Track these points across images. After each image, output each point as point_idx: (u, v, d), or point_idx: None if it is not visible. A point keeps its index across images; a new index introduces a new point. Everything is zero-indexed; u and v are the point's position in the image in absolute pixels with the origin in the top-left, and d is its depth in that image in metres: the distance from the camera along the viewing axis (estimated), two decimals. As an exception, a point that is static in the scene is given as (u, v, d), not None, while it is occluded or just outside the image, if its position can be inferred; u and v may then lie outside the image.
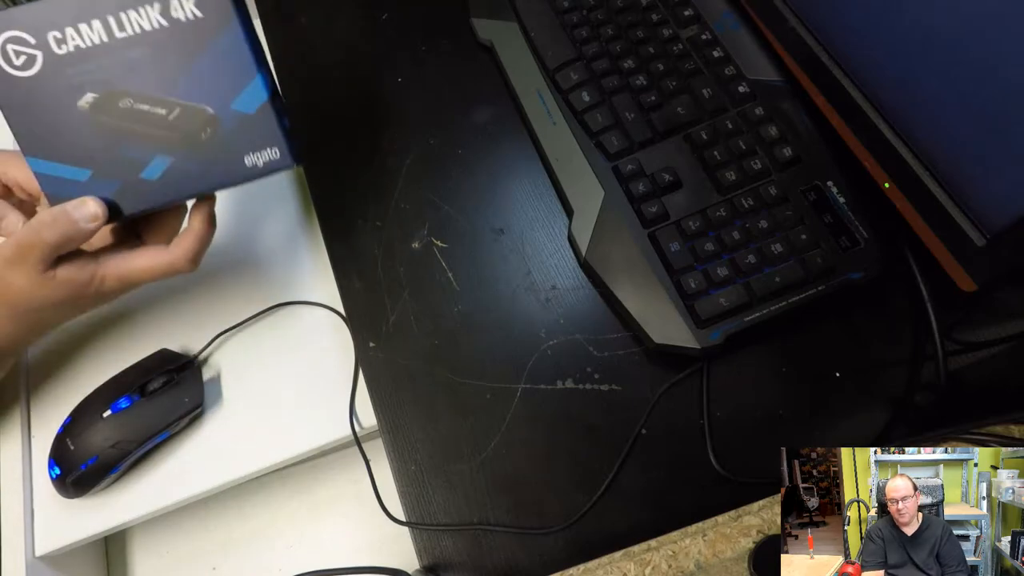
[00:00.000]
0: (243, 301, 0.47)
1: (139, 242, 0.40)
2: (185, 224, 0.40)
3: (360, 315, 0.44)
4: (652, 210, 0.41)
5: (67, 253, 0.37)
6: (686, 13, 0.47)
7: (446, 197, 0.46)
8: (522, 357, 0.41)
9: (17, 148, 0.36)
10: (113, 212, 0.36)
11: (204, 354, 0.45)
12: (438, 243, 0.45)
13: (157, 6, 0.34)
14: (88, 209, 0.35)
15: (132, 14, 0.34)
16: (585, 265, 0.42)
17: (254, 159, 0.37)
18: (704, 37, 0.46)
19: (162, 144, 0.36)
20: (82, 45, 0.34)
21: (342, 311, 0.45)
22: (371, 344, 0.43)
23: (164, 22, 0.34)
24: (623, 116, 0.44)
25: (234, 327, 0.46)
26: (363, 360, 0.43)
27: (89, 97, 0.35)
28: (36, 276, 0.35)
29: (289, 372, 0.45)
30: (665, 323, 0.39)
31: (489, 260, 0.44)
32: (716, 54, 0.45)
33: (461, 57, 0.51)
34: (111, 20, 0.34)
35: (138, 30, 0.34)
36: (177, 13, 0.34)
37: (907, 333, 0.41)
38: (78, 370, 0.45)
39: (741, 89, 0.44)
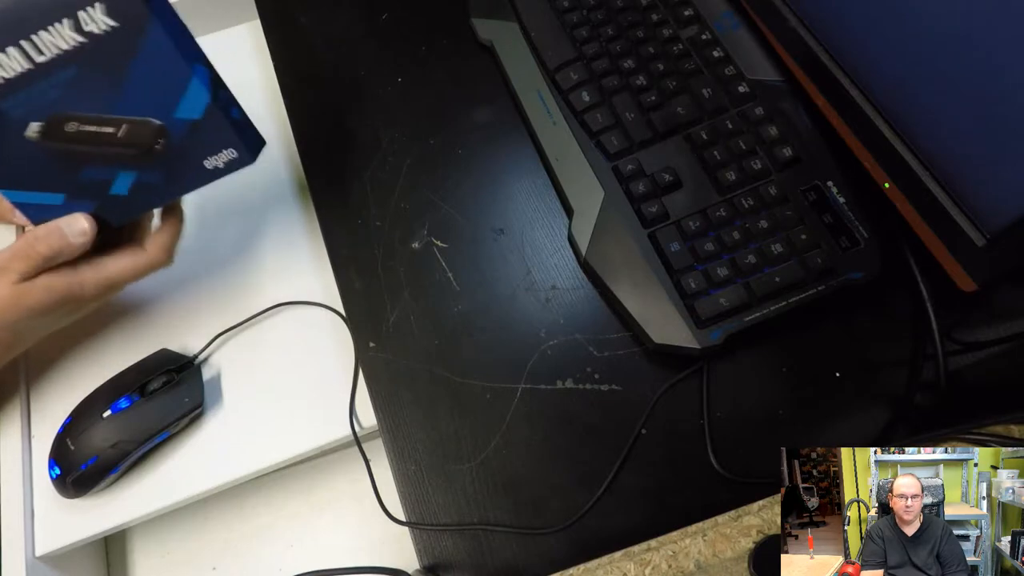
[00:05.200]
0: (243, 301, 0.47)
1: (111, 248, 0.41)
2: (156, 221, 0.41)
3: (360, 315, 0.44)
4: (652, 210, 0.41)
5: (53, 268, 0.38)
6: (686, 13, 0.47)
7: (446, 197, 0.46)
8: (522, 357, 0.41)
9: None
10: (102, 226, 0.37)
11: (204, 354, 0.45)
12: (438, 243, 0.45)
13: (67, 22, 0.31)
14: (79, 224, 0.37)
15: (44, 36, 0.32)
16: (585, 265, 0.42)
17: (214, 162, 0.37)
18: (704, 37, 0.46)
19: (120, 161, 0.36)
20: (6, 75, 0.32)
21: (342, 311, 0.45)
22: (371, 344, 0.43)
23: (81, 38, 0.32)
24: (623, 116, 0.44)
25: (234, 327, 0.46)
26: (363, 360, 0.43)
27: (35, 126, 0.34)
28: (18, 286, 0.36)
29: (289, 372, 0.45)
30: (665, 323, 0.39)
31: (489, 260, 0.44)
32: (716, 54, 0.45)
33: (461, 57, 0.51)
34: (25, 45, 0.32)
35: (57, 51, 0.32)
36: (90, 27, 0.32)
37: (907, 333, 0.41)
38: (78, 370, 0.45)
39: (741, 89, 0.44)
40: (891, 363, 0.40)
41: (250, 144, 0.37)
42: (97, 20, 0.32)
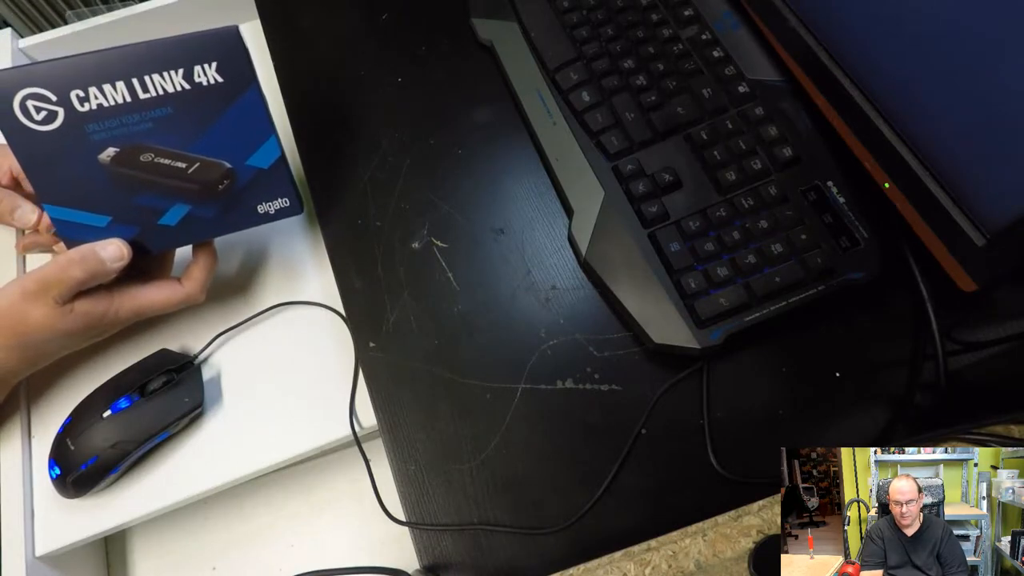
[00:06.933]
0: (243, 301, 0.47)
1: (143, 275, 0.42)
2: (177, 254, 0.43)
3: (360, 315, 0.44)
4: (652, 210, 0.41)
5: (86, 291, 0.38)
6: (686, 13, 0.47)
7: (446, 197, 0.46)
8: (522, 357, 0.41)
9: None
10: (136, 252, 0.39)
11: (204, 354, 0.45)
12: (438, 243, 0.45)
13: (181, 71, 0.35)
14: (114, 249, 0.37)
15: (156, 78, 0.35)
16: (585, 265, 0.42)
17: (266, 207, 0.40)
18: (704, 37, 0.46)
19: (180, 194, 0.38)
20: (105, 104, 0.35)
21: (342, 311, 0.45)
22: (371, 344, 0.43)
23: (187, 85, 0.36)
24: (623, 116, 0.44)
25: (234, 327, 0.46)
26: (363, 360, 0.43)
27: (111, 151, 0.36)
28: (55, 309, 0.36)
29: (289, 372, 0.45)
30: (665, 323, 0.39)
31: (489, 260, 0.44)
32: (716, 54, 0.45)
33: (461, 57, 0.51)
34: (135, 82, 0.35)
35: (161, 92, 0.35)
36: (200, 78, 0.36)
37: (907, 333, 0.41)
38: (78, 370, 0.45)
39: (741, 89, 0.44)
40: (891, 363, 0.40)
41: (299, 198, 0.42)
42: (208, 75, 0.36)
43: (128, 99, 0.35)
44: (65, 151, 0.35)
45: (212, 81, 0.36)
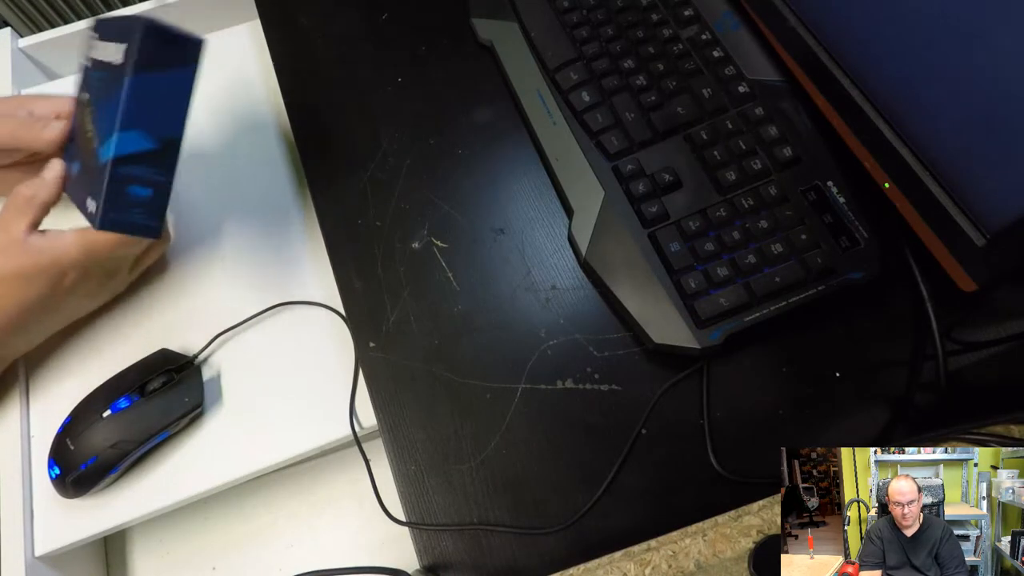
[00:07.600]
0: (243, 301, 0.47)
1: None
2: None
3: (360, 315, 0.44)
4: (652, 210, 0.41)
5: (41, 231, 0.40)
6: (686, 13, 0.47)
7: (446, 197, 0.46)
8: (522, 357, 0.41)
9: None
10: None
11: (204, 354, 0.45)
12: (438, 243, 0.45)
13: (124, 46, 0.38)
14: (54, 166, 0.41)
15: (112, 45, 0.39)
16: (585, 265, 0.42)
17: (91, 204, 0.39)
18: (704, 37, 0.46)
19: (81, 154, 0.41)
20: (100, 58, 0.40)
21: (342, 311, 0.45)
22: (371, 344, 0.43)
23: (111, 60, 0.39)
24: (623, 116, 0.44)
25: (234, 327, 0.46)
26: (363, 360, 0.43)
27: (84, 96, 0.41)
28: (13, 240, 0.39)
29: (289, 372, 0.45)
30: (665, 323, 0.39)
31: (489, 260, 0.44)
32: (716, 54, 0.45)
33: (461, 57, 0.51)
34: (109, 45, 0.39)
35: (106, 59, 0.39)
36: (113, 56, 0.38)
37: (907, 333, 0.41)
38: (78, 370, 0.45)
39: (741, 89, 0.44)
40: (891, 363, 0.40)
41: (116, 218, 0.39)
42: (118, 54, 0.38)
43: (109, 59, 0.39)
44: (83, 85, 0.41)
45: (116, 61, 0.38)
